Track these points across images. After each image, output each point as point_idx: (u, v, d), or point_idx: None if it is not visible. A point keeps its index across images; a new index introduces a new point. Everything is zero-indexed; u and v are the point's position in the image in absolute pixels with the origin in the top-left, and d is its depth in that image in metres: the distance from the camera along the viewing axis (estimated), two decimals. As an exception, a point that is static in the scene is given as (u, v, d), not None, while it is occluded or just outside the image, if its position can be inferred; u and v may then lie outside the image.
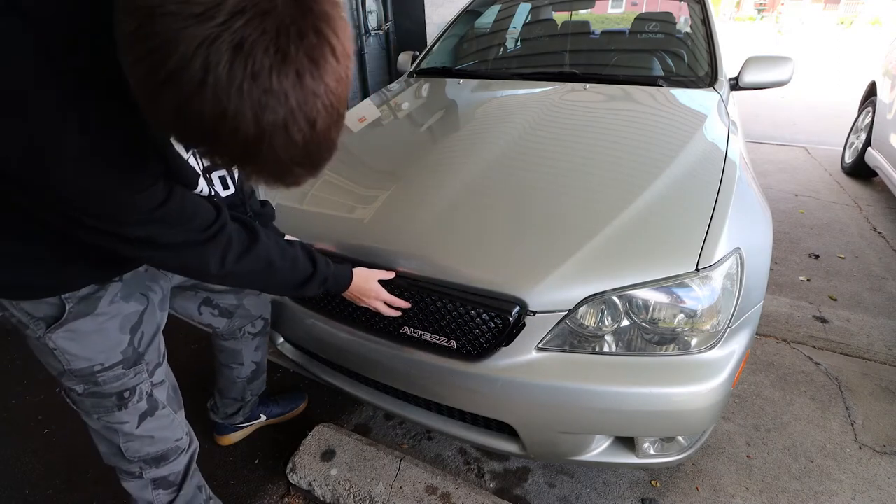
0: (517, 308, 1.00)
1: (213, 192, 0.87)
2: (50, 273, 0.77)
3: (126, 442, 0.94)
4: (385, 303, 1.08)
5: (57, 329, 0.81)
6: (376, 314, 1.10)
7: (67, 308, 0.80)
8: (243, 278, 0.85)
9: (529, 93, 1.93)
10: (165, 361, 1.00)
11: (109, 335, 0.86)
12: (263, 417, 1.55)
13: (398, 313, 1.09)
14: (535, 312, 1.00)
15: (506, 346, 1.02)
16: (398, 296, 1.08)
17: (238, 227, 0.82)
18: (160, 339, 0.98)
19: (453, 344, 1.06)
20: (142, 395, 0.93)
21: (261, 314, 1.29)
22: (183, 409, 1.06)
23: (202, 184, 0.83)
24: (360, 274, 1.06)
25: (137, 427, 0.94)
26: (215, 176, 0.90)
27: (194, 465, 1.08)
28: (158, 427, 0.97)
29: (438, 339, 1.08)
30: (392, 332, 1.13)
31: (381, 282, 1.09)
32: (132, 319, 0.89)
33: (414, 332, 1.10)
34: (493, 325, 1.02)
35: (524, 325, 1.01)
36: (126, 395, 0.91)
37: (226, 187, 0.93)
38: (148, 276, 0.94)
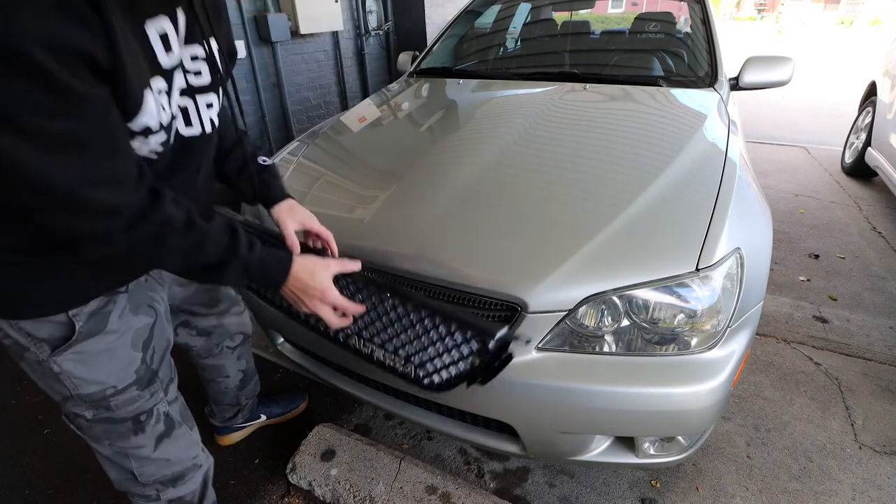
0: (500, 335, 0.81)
1: (165, 124, 0.66)
2: (56, 285, 0.70)
3: (141, 467, 0.88)
4: (334, 307, 0.83)
5: (64, 351, 0.73)
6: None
7: (77, 327, 0.73)
8: (130, 252, 0.64)
9: (529, 93, 1.93)
10: (176, 376, 0.95)
11: (121, 354, 0.79)
12: (263, 417, 1.54)
13: (348, 322, 0.85)
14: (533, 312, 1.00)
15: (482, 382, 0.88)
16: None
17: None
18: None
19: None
20: (159, 417, 0.87)
21: (240, 331, 1.25)
22: (196, 425, 1.01)
23: (151, 105, 0.62)
24: (303, 264, 0.79)
25: (154, 450, 0.88)
26: (176, 104, 0.69)
27: (210, 482, 1.05)
28: (176, 448, 0.91)
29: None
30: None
31: (343, 278, 0.86)
32: (143, 334, 0.83)
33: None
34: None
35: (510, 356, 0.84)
36: (143, 418, 0.84)
37: (188, 124, 0.73)
38: (149, 285, 0.87)
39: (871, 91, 3.53)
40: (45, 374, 0.76)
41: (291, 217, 0.98)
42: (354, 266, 0.86)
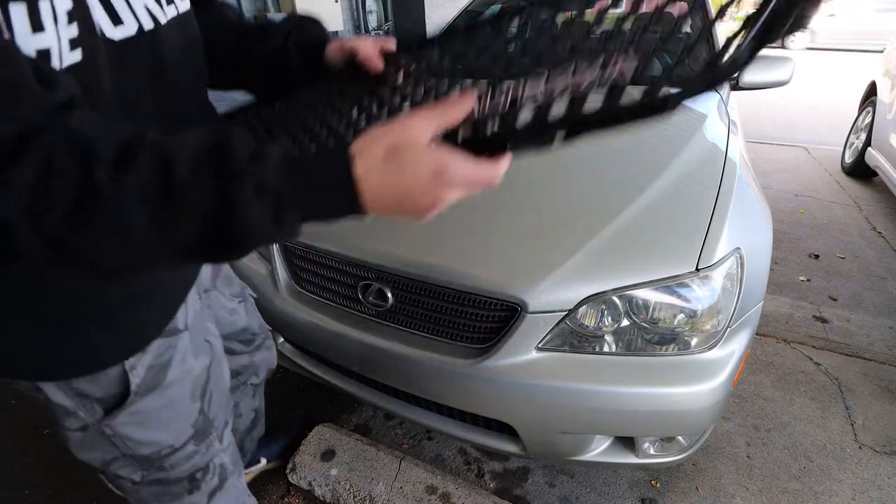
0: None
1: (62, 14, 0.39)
2: (111, 324, 0.56)
3: None
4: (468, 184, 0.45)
5: (119, 413, 0.61)
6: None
7: (134, 385, 0.61)
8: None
9: (529, 93, 1.93)
10: (232, 414, 0.83)
11: (180, 407, 0.69)
12: (264, 461, 1.40)
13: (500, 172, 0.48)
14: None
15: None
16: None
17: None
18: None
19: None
20: (214, 471, 0.77)
21: (267, 366, 1.16)
22: (242, 465, 0.93)
23: None
24: (372, 148, 0.40)
25: None
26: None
27: None
28: (226, 499, 0.82)
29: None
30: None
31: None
32: (201, 380, 0.72)
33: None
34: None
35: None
36: (198, 475, 0.74)
37: (118, 22, 0.45)
38: (204, 315, 0.76)
39: (871, 91, 3.53)
40: (91, 440, 0.64)
41: (342, 48, 0.66)
42: (462, 109, 0.43)
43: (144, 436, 0.65)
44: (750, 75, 2.03)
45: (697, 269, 1.00)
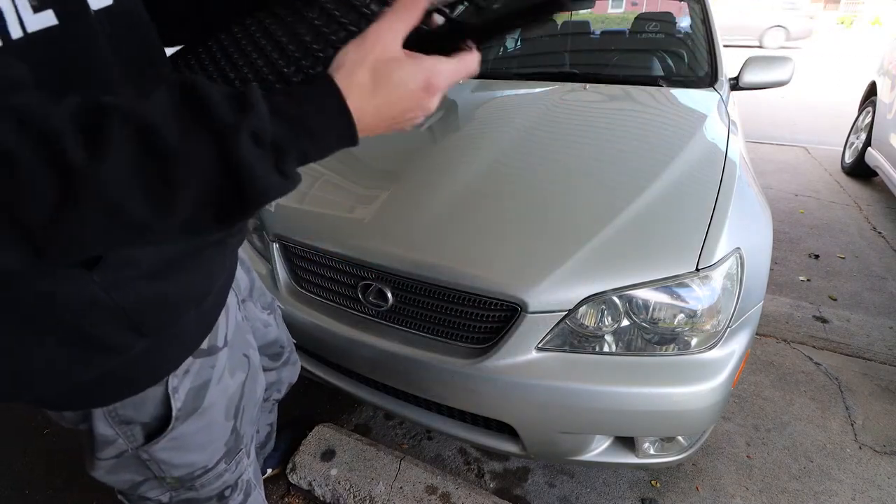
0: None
1: None
2: (153, 335, 0.52)
3: None
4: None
5: (161, 439, 0.59)
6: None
7: (175, 407, 0.58)
8: None
9: (529, 93, 1.93)
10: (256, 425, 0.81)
11: (216, 428, 0.66)
12: (269, 471, 1.41)
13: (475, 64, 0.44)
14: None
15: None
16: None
17: None
18: None
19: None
20: (241, 487, 0.76)
21: (290, 381, 1.13)
22: (262, 478, 0.92)
23: None
24: (353, 72, 0.39)
25: None
26: None
27: None
28: None
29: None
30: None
31: None
32: (235, 398, 0.69)
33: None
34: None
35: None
36: (227, 493, 0.73)
37: (43, 7, 0.35)
38: (244, 327, 0.74)
39: (871, 91, 3.53)
40: (124, 465, 0.60)
41: None
42: (418, 5, 0.41)
43: (181, 459, 0.63)
44: (750, 75, 2.03)
45: (697, 269, 1.00)
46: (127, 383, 0.55)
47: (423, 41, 0.43)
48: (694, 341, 1.02)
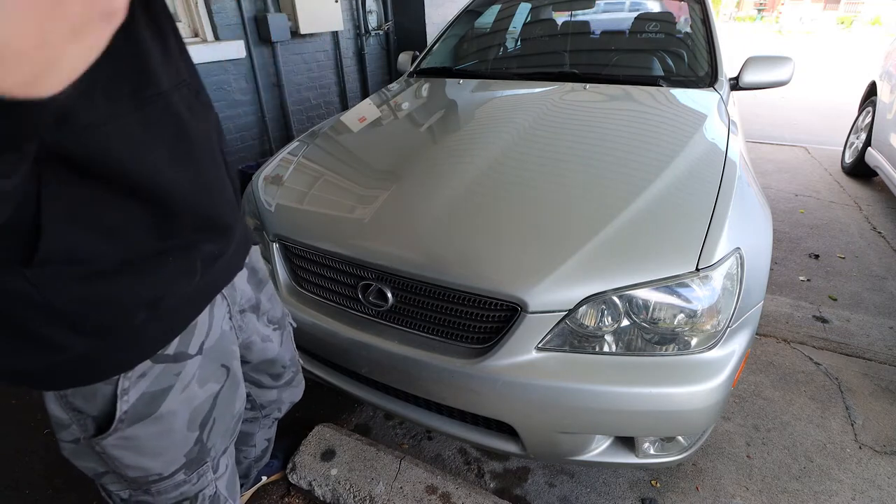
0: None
1: None
2: (99, 331, 0.53)
3: None
4: None
5: (108, 436, 0.60)
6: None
7: (120, 409, 0.59)
8: None
9: (529, 93, 1.93)
10: (235, 437, 0.80)
11: (174, 437, 0.66)
12: (264, 479, 1.39)
13: None
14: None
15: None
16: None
17: None
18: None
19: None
20: (203, 500, 0.75)
21: (291, 400, 1.12)
22: (240, 491, 0.90)
23: None
24: None
25: None
26: None
27: None
28: None
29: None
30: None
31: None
32: (203, 409, 0.69)
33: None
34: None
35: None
36: None
37: None
38: (230, 336, 0.73)
39: (871, 91, 3.53)
40: (82, 452, 0.63)
41: None
42: None
43: (133, 461, 0.64)
44: (750, 75, 2.03)
45: (697, 269, 1.00)
46: (70, 374, 0.56)
47: None
48: (694, 341, 1.02)
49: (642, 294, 1.01)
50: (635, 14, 2.52)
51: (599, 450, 1.12)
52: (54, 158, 0.43)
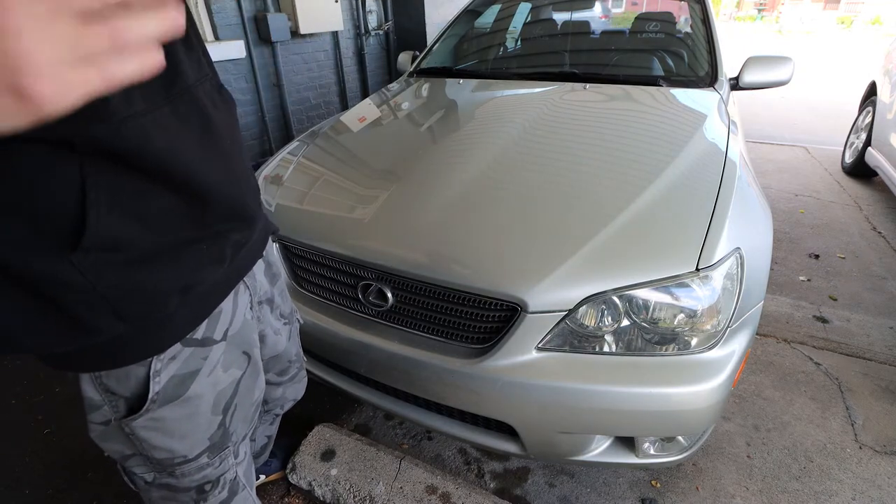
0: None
1: None
2: (131, 316, 0.54)
3: None
4: None
5: (139, 416, 0.62)
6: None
7: (153, 391, 0.61)
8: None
9: (529, 93, 1.93)
10: (254, 426, 0.82)
11: (199, 420, 0.68)
12: (263, 477, 1.39)
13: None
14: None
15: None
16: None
17: None
18: None
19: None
20: (224, 484, 0.77)
21: (294, 397, 1.13)
22: (254, 480, 0.91)
23: None
24: None
25: None
26: None
27: None
28: None
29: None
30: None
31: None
32: (227, 394, 0.71)
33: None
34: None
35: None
36: (207, 487, 0.75)
37: None
38: (251, 325, 0.74)
39: (871, 91, 3.53)
40: (112, 434, 0.65)
41: None
42: None
43: (161, 442, 0.66)
44: (750, 75, 2.03)
45: (697, 269, 1.00)
46: (106, 356, 0.58)
47: None
48: (694, 341, 1.02)
49: (642, 294, 1.01)
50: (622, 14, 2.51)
51: (599, 450, 1.12)
52: (97, 150, 0.45)
